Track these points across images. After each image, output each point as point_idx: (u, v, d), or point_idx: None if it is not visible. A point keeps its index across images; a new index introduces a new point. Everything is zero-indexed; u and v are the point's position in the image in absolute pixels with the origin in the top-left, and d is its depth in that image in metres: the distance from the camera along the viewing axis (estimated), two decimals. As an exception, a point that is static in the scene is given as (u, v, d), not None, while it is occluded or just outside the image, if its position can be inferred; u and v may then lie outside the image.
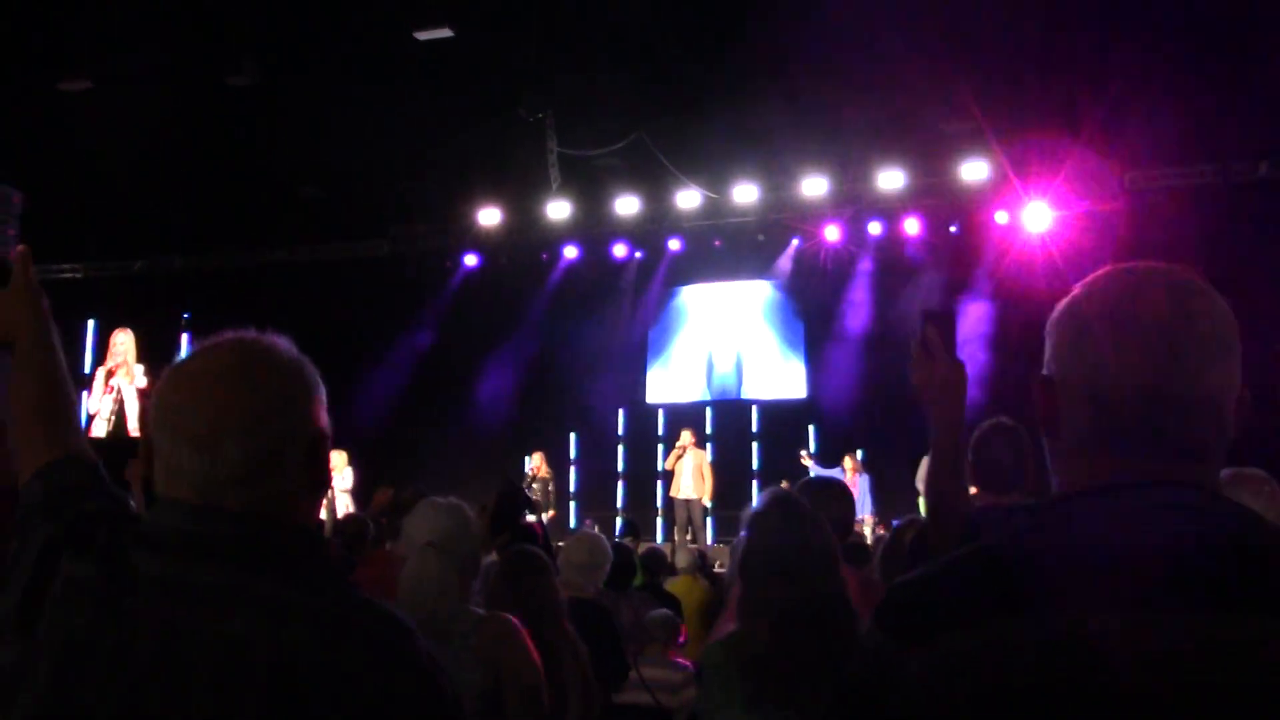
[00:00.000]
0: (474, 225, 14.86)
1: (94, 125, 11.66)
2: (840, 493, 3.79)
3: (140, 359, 8.70)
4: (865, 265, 14.44)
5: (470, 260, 15.53)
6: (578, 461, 15.73)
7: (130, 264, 15.93)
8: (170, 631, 1.29)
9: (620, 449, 15.78)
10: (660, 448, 15.03)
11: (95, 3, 9.63)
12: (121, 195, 13.40)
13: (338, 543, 5.34)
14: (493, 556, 4.00)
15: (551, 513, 13.19)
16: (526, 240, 15.01)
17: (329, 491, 2.12)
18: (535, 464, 13.62)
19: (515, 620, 2.97)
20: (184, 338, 14.12)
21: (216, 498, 1.36)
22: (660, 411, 15.73)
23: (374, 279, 14.94)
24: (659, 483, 14.58)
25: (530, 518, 11.34)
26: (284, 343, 1.47)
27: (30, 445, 1.64)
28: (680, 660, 4.92)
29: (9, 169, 12.40)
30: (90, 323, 14.64)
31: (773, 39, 10.14)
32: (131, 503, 1.61)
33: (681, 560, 7.72)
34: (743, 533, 2.72)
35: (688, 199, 14.03)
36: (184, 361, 1.42)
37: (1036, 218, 12.67)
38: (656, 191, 14.10)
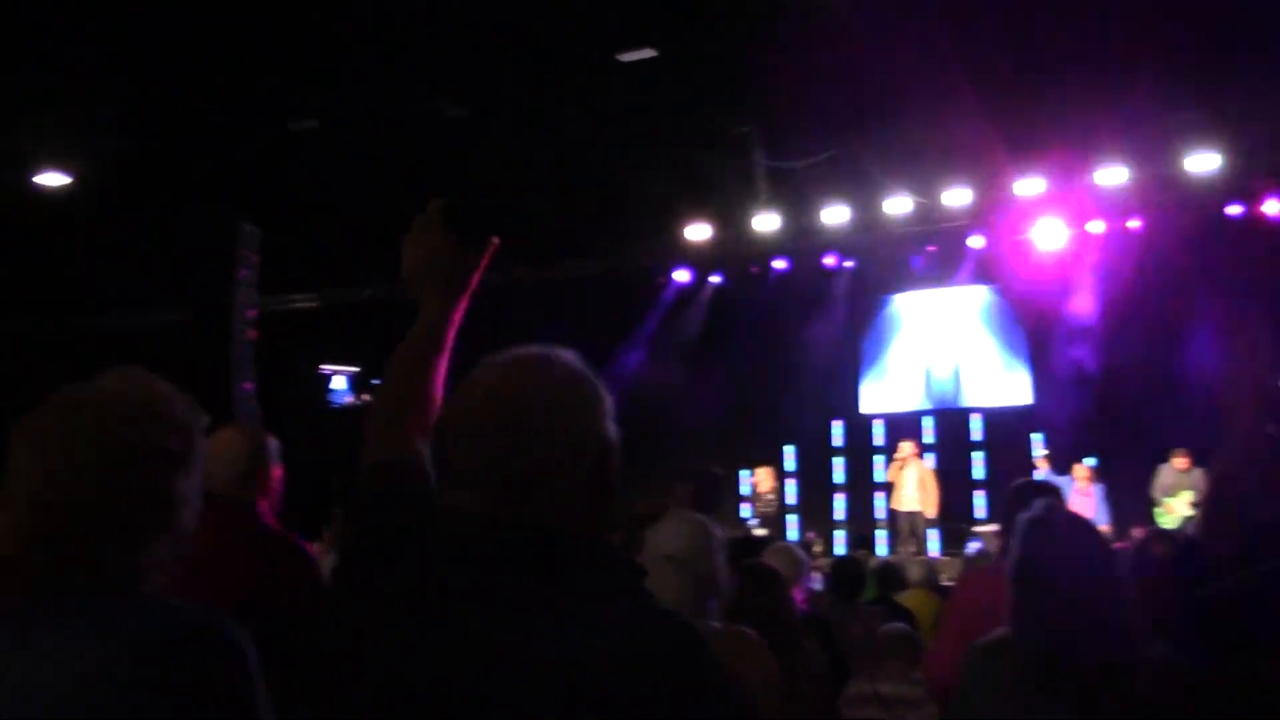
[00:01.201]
0: (683, 241, 14.94)
1: (321, 161, 12.29)
2: (1054, 496, 3.64)
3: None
4: (1087, 265, 13.88)
5: (681, 276, 15.63)
6: (795, 475, 15.59)
7: (360, 291, 16.63)
8: (468, 642, 1.30)
9: (837, 461, 15.58)
10: (878, 459, 14.77)
11: (320, 48, 10.10)
12: (348, 226, 14.03)
13: None
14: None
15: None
16: (736, 254, 15.00)
17: None
18: (759, 479, 13.56)
19: (754, 634, 2.94)
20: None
21: (508, 508, 1.38)
22: (877, 422, 15.46)
23: (585, 299, 15.19)
24: (878, 495, 14.34)
25: (761, 531, 11.27)
26: (570, 356, 1.49)
27: (383, 431, 1.68)
28: (919, 676, 4.80)
29: (247, 205, 13.25)
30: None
31: (978, 38, 9.90)
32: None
33: (914, 573, 7.56)
34: (1012, 541, 2.63)
35: (897, 205, 13.77)
36: (474, 375, 1.45)
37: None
38: (865, 199, 13.88)
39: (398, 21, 9.69)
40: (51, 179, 13.07)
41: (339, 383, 16.90)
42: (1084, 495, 11.52)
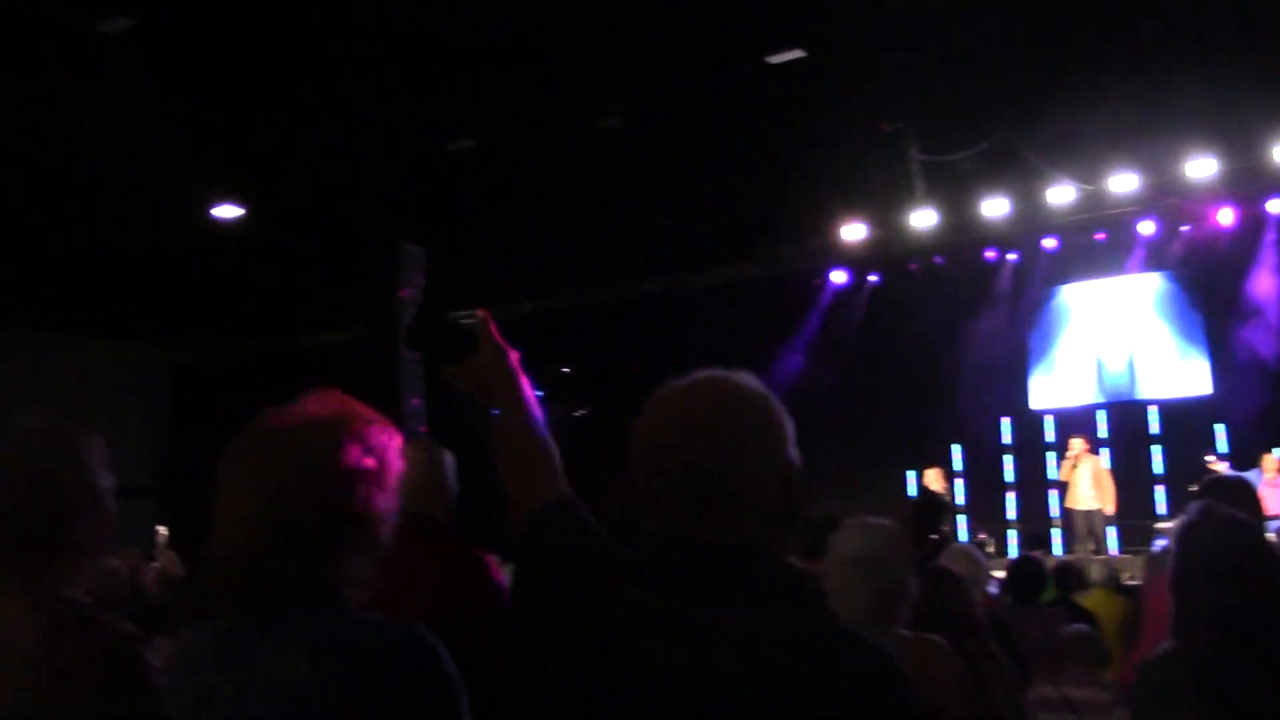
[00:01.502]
0: (839, 242, 14.78)
1: (479, 180, 12.58)
2: (1244, 491, 3.48)
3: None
4: (1265, 245, 13.28)
5: (838, 277, 15.47)
6: (963, 474, 15.25)
7: (521, 305, 16.94)
8: (658, 664, 1.31)
9: (1007, 459, 15.19)
10: (1050, 456, 14.35)
11: (476, 72, 10.32)
12: (507, 242, 14.33)
13: None
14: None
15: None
16: (893, 252, 14.79)
17: None
18: (928, 480, 13.32)
19: (942, 640, 2.88)
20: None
21: (694, 530, 1.40)
22: (1047, 418, 15.03)
23: (741, 304, 15.16)
24: (1051, 493, 13.93)
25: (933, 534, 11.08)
26: (751, 380, 1.51)
27: (522, 495, 1.71)
28: (1107, 679, 4.64)
29: (408, 225, 13.62)
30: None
31: (1139, 13, 9.57)
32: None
33: (1095, 573, 7.32)
34: (1171, 545, 2.54)
35: (1060, 194, 13.37)
36: (658, 400, 1.47)
37: None
38: (1025, 190, 13.53)
39: (548, 36, 9.83)
40: (226, 211, 13.65)
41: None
42: (1273, 487, 10.99)
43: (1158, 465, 13.97)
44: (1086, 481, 12.41)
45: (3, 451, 1.87)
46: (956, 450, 15.28)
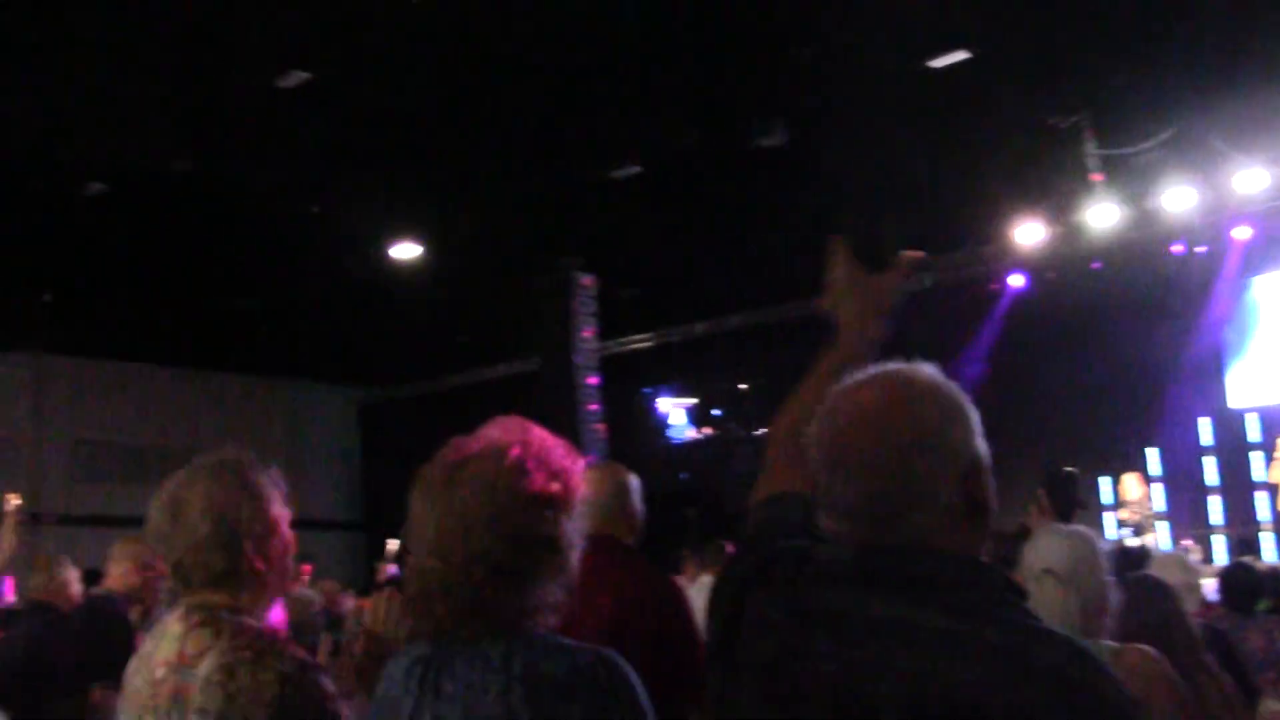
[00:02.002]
0: (1015, 243, 14.37)
1: (642, 204, 12.68)
2: None
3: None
4: None
5: (1016, 281, 15.05)
6: (1162, 479, 14.60)
7: (694, 327, 17.01)
8: (848, 667, 1.29)
9: (1208, 461, 14.49)
10: (1255, 456, 13.63)
11: (640, 96, 10.43)
12: (677, 265, 14.42)
13: None
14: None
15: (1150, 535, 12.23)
16: (1073, 251, 14.30)
17: None
18: (1125, 486, 12.79)
19: (1154, 652, 2.74)
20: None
21: (877, 530, 1.37)
22: (1249, 416, 14.28)
23: (917, 313, 14.85)
24: (1259, 495, 13.23)
25: (1135, 542, 10.64)
26: (931, 371, 1.46)
27: (775, 466, 1.71)
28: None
29: (576, 254, 13.82)
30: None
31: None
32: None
33: (1320, 580, 6.88)
34: None
35: (1250, 180, 12.71)
36: (837, 396, 1.45)
37: None
38: (1212, 178, 12.91)
39: (706, 56, 9.86)
40: (404, 251, 14.08)
41: (677, 417, 17.30)
42: None
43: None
44: (1299, 482, 11.76)
45: (185, 486, 1.96)
46: (1153, 454, 14.66)
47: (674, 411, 17.17)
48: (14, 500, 4.04)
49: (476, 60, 9.68)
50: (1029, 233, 14.11)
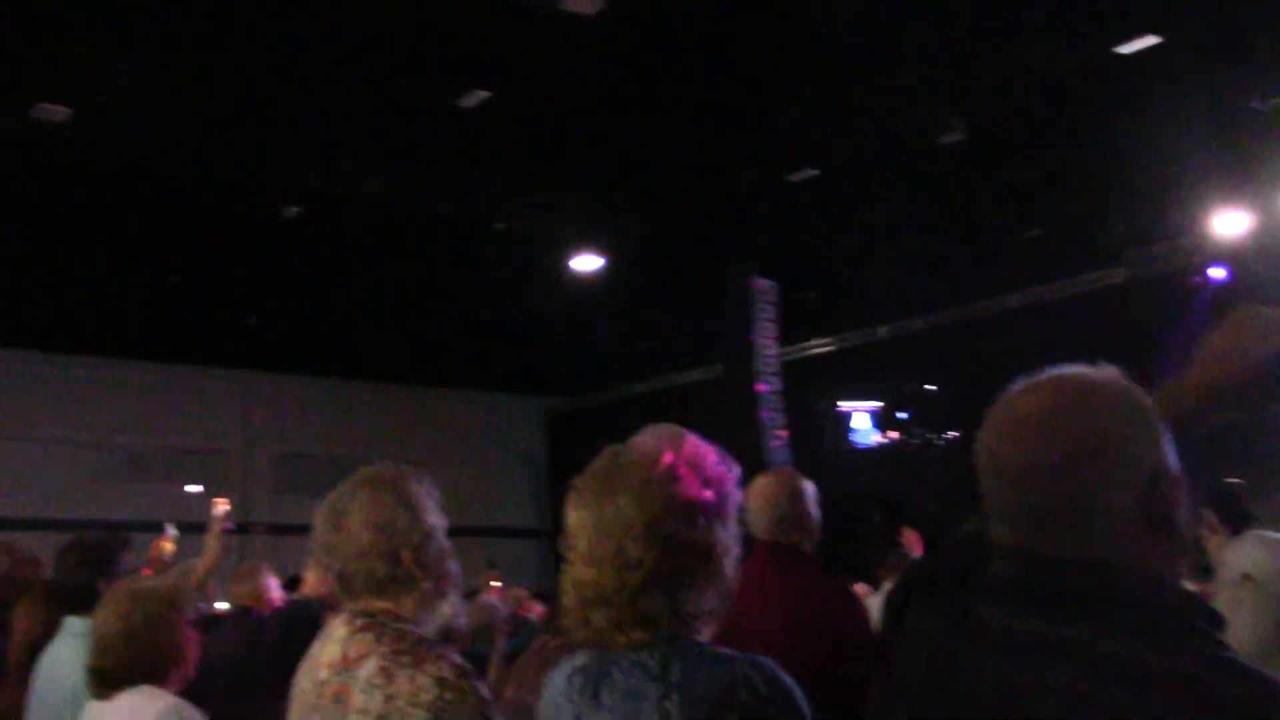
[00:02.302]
0: (1215, 235, 13.68)
1: (820, 207, 12.58)
2: None
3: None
4: None
5: (1217, 274, 14.33)
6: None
7: (875, 330, 16.78)
8: (1004, 684, 1.24)
9: None
10: None
11: (814, 98, 10.34)
12: (852, 267, 14.24)
13: None
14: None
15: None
16: (1277, 241, 13.53)
17: None
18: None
19: None
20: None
21: (1042, 543, 1.29)
22: None
23: (1112, 311, 14.31)
24: None
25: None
26: (1110, 374, 1.38)
27: None
28: None
29: (754, 259, 13.78)
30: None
31: None
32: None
33: None
34: None
35: None
36: (1006, 399, 1.38)
37: None
38: None
39: (882, 55, 9.72)
40: (585, 262, 14.29)
41: (861, 421, 17.07)
42: None
43: None
44: None
45: (346, 498, 2.05)
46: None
47: (857, 416, 16.95)
48: (221, 505, 4.23)
49: (651, 71, 9.76)
50: (1230, 223, 13.41)
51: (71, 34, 8.77)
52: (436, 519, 2.08)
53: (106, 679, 2.58)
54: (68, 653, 2.95)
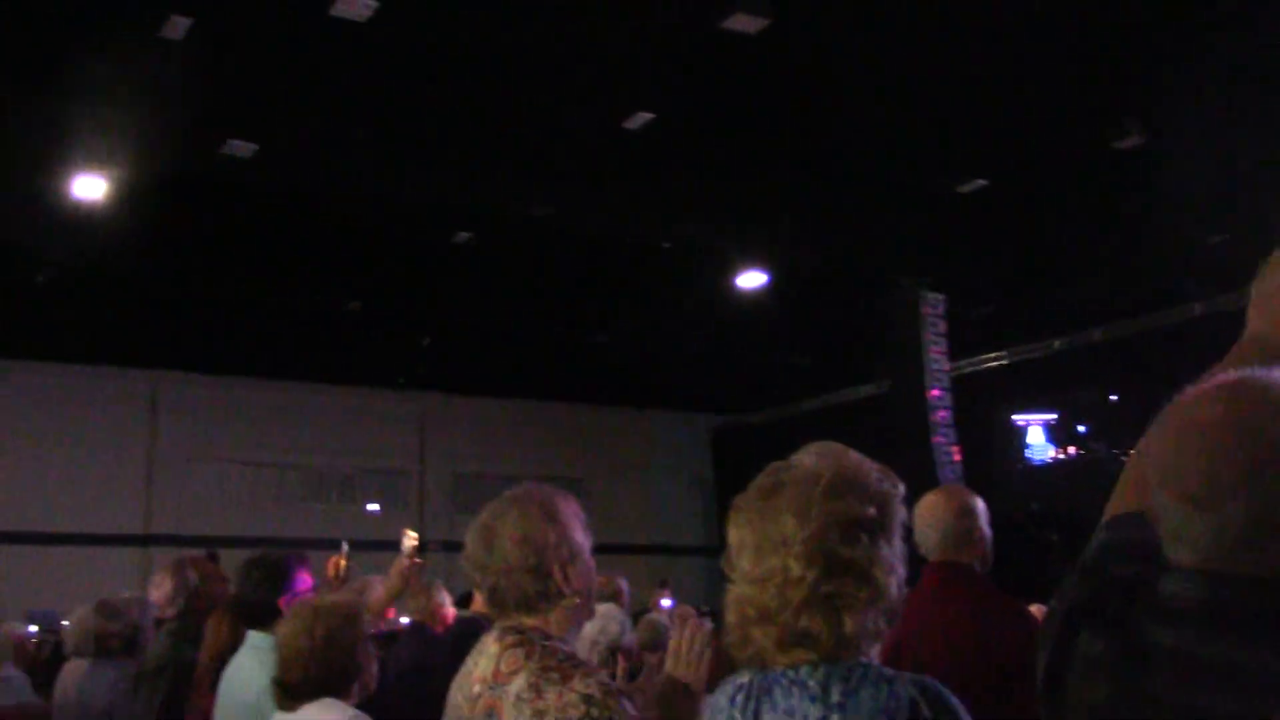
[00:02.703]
0: None
1: (990, 218, 12.28)
2: None
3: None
4: None
5: None
6: None
7: (1050, 344, 16.30)
8: (1186, 712, 1.16)
9: None
10: None
11: (984, 106, 10.12)
12: (1024, 280, 13.87)
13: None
14: None
15: None
16: None
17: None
18: None
19: None
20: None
21: (1225, 562, 1.20)
22: None
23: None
24: None
25: None
26: None
27: (1127, 482, 1.56)
28: None
29: (922, 273, 13.53)
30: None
31: None
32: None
33: None
34: None
35: None
36: (1175, 411, 1.29)
37: None
38: None
39: (1054, 62, 9.45)
40: (750, 279, 14.28)
41: (1035, 436, 16.60)
42: None
43: None
44: None
45: (497, 517, 2.08)
46: None
47: (1032, 431, 16.47)
48: (411, 539, 4.31)
49: (816, 85, 9.70)
50: None
51: (260, 74, 9.21)
52: (583, 537, 2.12)
53: (290, 691, 2.68)
54: (249, 665, 3.08)
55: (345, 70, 9.25)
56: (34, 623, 10.00)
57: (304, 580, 3.90)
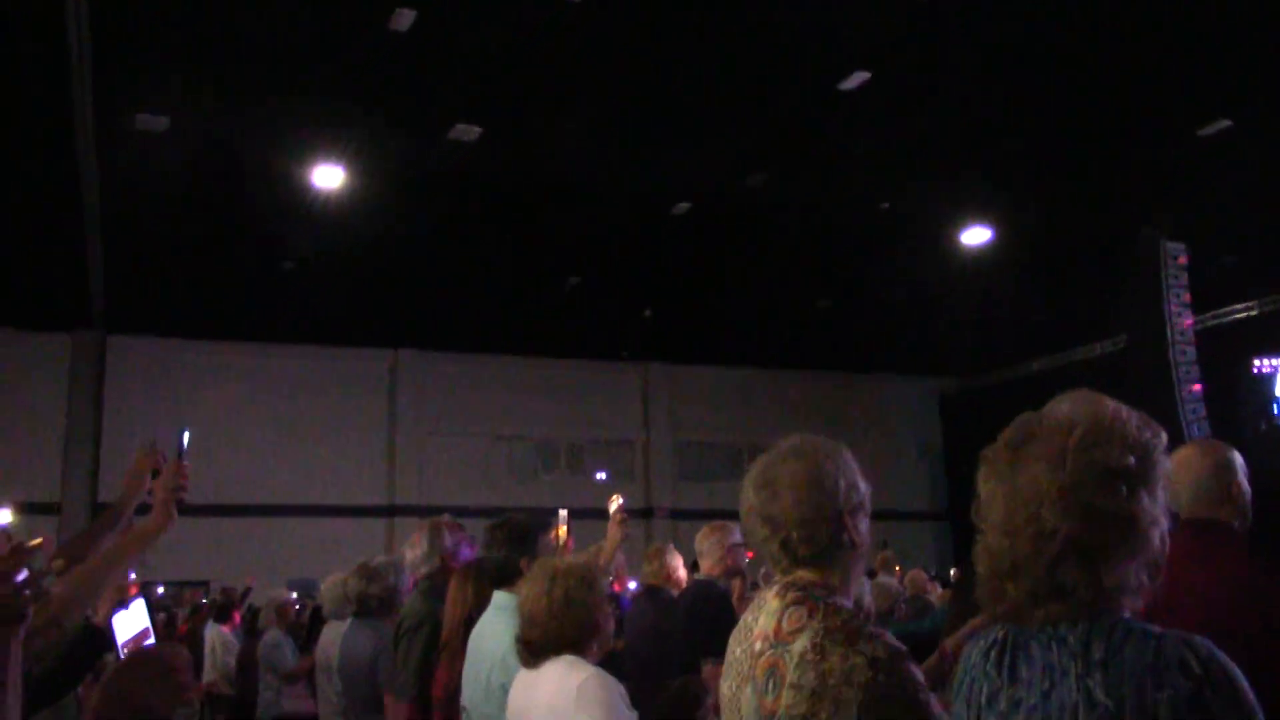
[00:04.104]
0: None
1: (1234, 162, 11.55)
2: None
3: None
4: None
5: None
6: None
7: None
8: None
9: None
10: None
11: (1229, 41, 9.52)
12: (1274, 225, 13.03)
13: None
14: None
15: None
16: None
17: None
18: None
19: None
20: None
21: None
22: None
23: None
24: None
25: None
26: None
27: None
28: None
29: (1161, 223, 12.85)
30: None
31: None
32: None
33: None
34: None
35: None
36: None
37: None
38: None
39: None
40: (975, 235, 13.89)
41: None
42: None
43: None
44: None
45: (778, 465, 2.04)
46: None
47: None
48: (616, 499, 4.48)
49: (1040, 27, 9.31)
50: None
51: (482, 60, 9.48)
52: (866, 487, 2.05)
53: (533, 649, 2.76)
54: (496, 622, 3.19)
55: (562, 51, 9.42)
56: (294, 590, 10.62)
57: (465, 551, 4.03)
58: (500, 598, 3.30)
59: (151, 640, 4.17)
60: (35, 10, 8.33)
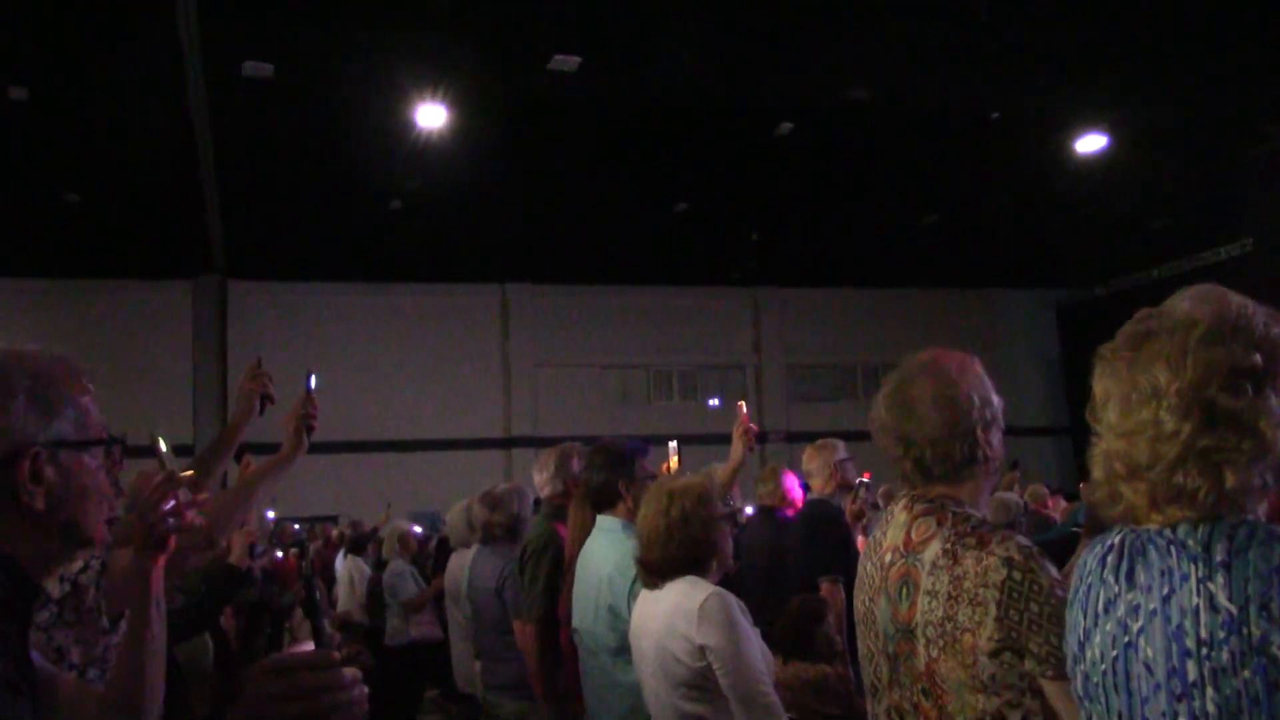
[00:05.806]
0: None
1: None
2: None
3: None
4: None
5: None
6: None
7: None
8: None
9: None
10: None
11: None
12: None
13: None
14: None
15: None
16: None
17: None
18: None
19: None
20: None
21: None
22: None
23: None
24: None
25: None
26: None
27: None
28: None
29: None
30: None
31: None
32: None
33: None
34: None
35: None
36: None
37: None
38: None
39: None
40: (1089, 143, 13.49)
41: None
42: None
43: None
44: None
45: (910, 382, 2.04)
46: None
47: None
48: (742, 407, 4.46)
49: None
50: None
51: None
52: (999, 401, 2.04)
53: (653, 569, 2.79)
54: (601, 545, 3.25)
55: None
56: (418, 522, 10.88)
57: None
58: (603, 520, 3.35)
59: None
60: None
